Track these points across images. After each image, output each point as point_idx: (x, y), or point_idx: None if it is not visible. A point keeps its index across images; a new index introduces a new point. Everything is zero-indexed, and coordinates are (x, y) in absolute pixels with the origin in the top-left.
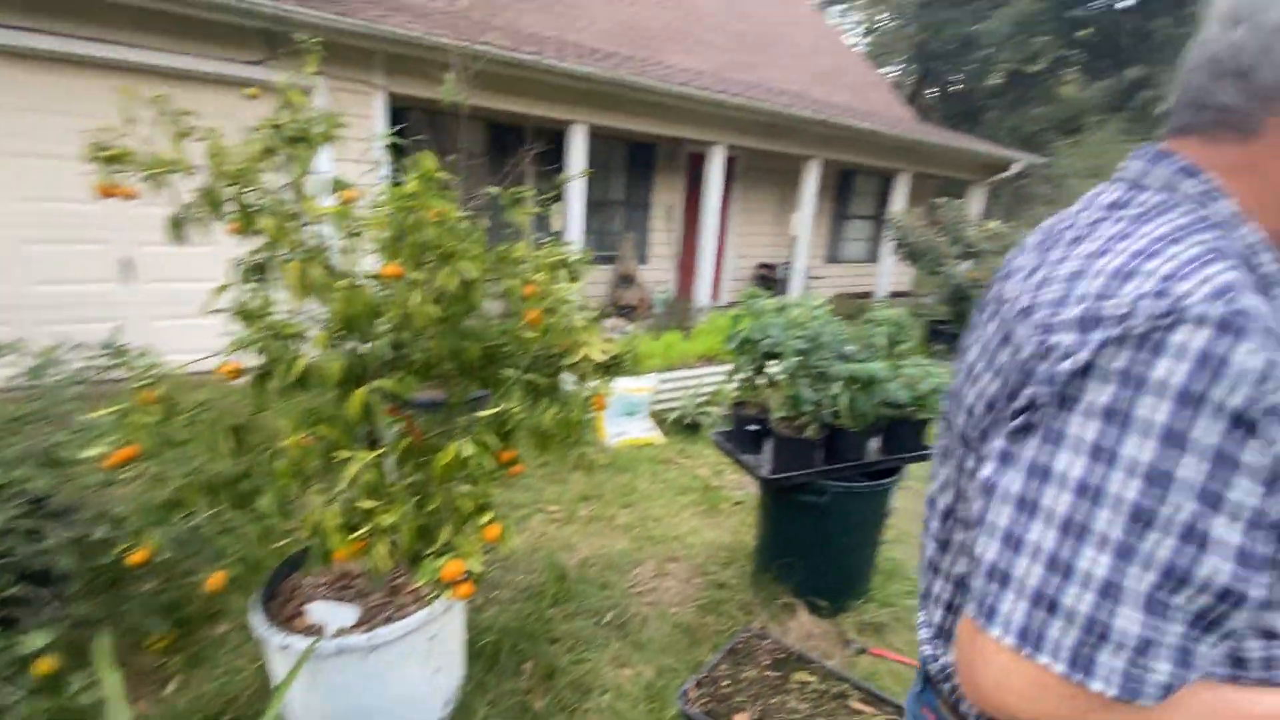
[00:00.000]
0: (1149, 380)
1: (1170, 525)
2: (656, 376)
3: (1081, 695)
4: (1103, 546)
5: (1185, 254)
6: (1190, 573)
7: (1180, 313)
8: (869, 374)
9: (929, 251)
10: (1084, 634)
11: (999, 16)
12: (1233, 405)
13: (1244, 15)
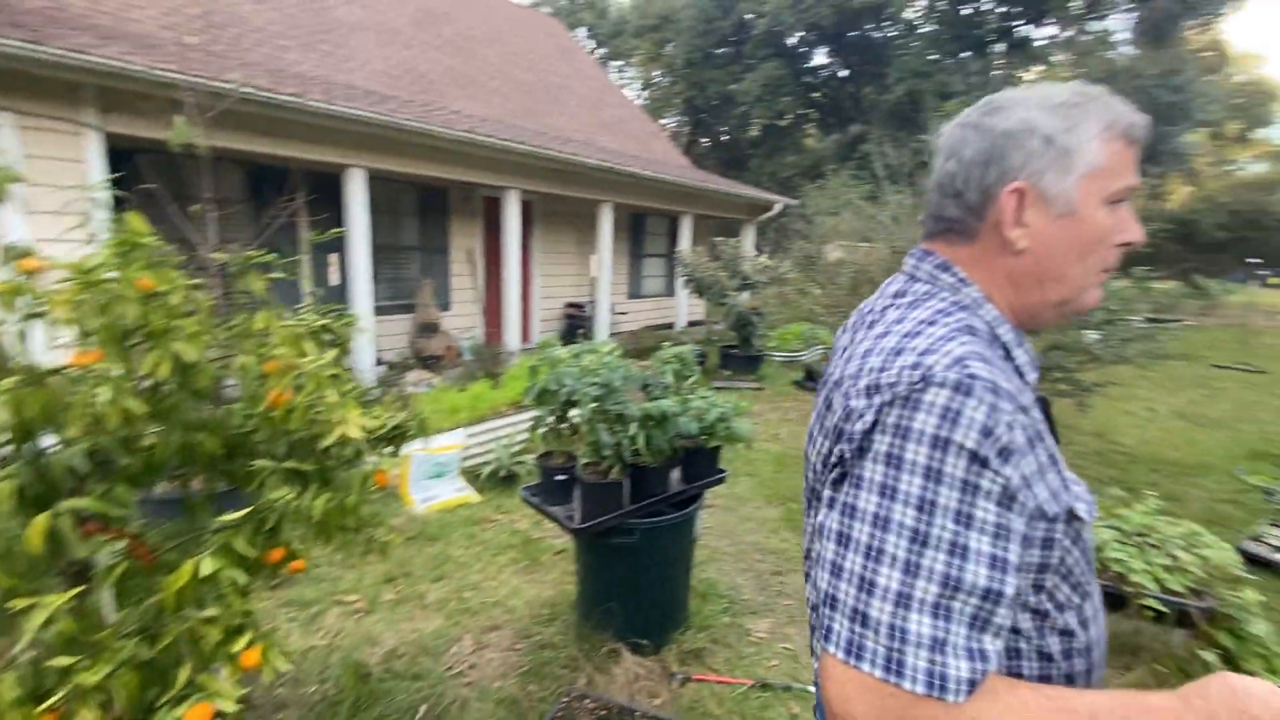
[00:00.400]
0: (911, 429)
1: (940, 542)
2: (465, 431)
3: (901, 695)
4: (894, 564)
5: (937, 333)
6: (960, 580)
7: (928, 379)
8: (661, 411)
9: (713, 285)
10: (890, 640)
11: (750, 79)
12: (969, 446)
13: (952, 152)
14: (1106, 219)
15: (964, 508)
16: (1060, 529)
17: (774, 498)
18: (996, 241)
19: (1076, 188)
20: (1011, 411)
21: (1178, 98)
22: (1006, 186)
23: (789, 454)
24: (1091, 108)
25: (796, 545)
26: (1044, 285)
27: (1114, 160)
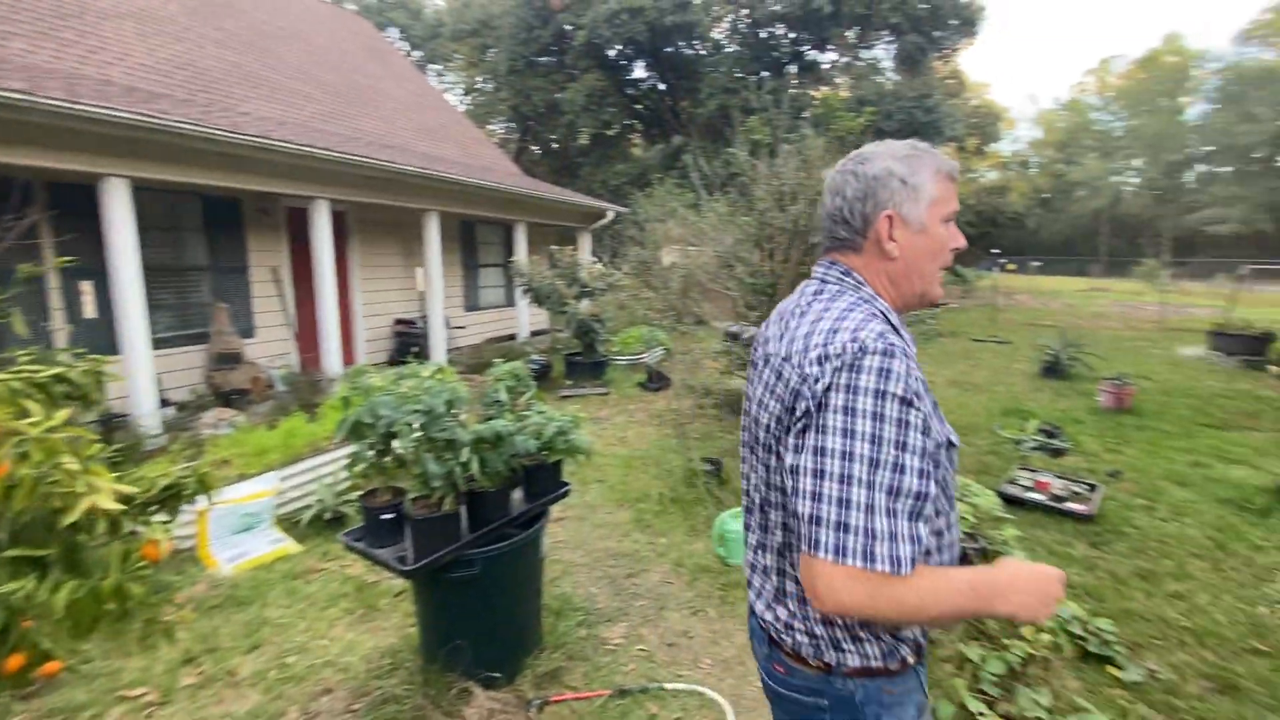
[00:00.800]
0: (858, 386)
1: (887, 464)
2: (278, 474)
3: (875, 577)
4: (860, 485)
5: (859, 317)
6: (902, 487)
7: (864, 349)
8: (495, 432)
9: (552, 294)
10: (865, 539)
11: (574, 89)
12: (897, 392)
13: (837, 191)
14: (944, 232)
15: (900, 436)
16: (943, 453)
17: (624, 501)
18: (877, 252)
19: (925, 212)
20: (916, 369)
21: (930, 117)
22: (881, 214)
23: (636, 456)
24: (925, 158)
25: (648, 547)
26: (911, 279)
27: (943, 192)
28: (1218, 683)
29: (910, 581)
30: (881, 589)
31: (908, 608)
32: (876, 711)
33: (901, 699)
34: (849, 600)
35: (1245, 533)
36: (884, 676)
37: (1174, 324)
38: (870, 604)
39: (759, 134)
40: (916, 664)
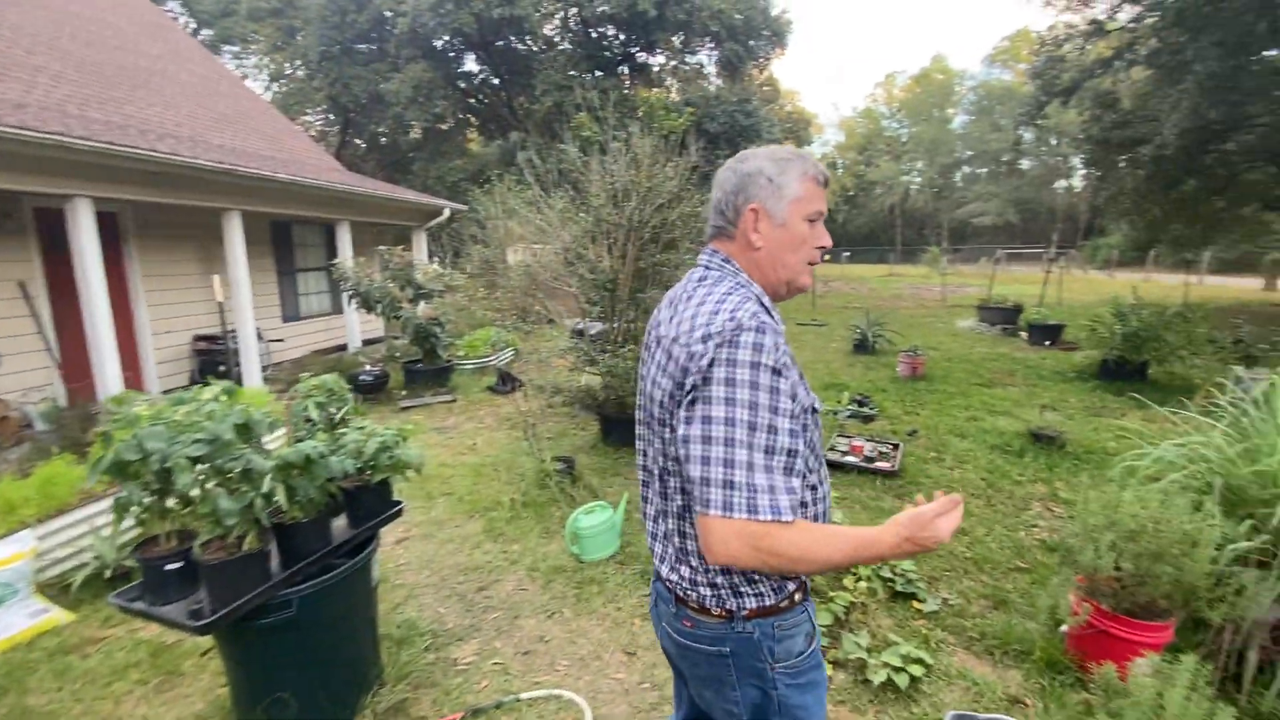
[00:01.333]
0: (737, 359)
1: (763, 427)
2: (34, 532)
3: (758, 526)
4: (741, 446)
5: (737, 300)
6: (776, 445)
7: (741, 326)
8: (304, 455)
9: (384, 298)
10: (747, 493)
11: (399, 80)
12: (769, 364)
13: (719, 185)
14: (806, 229)
15: (773, 402)
16: (809, 417)
17: (474, 511)
18: (745, 241)
19: (787, 208)
20: (784, 344)
21: (750, 121)
22: (749, 206)
23: (487, 463)
24: (795, 162)
25: (501, 556)
26: (775, 268)
27: (807, 193)
28: (992, 600)
29: (791, 531)
30: (765, 538)
31: (791, 555)
32: (770, 645)
33: (791, 632)
34: (739, 550)
35: (1009, 472)
36: (776, 614)
37: (953, 301)
38: (756, 554)
39: (587, 131)
40: (804, 600)
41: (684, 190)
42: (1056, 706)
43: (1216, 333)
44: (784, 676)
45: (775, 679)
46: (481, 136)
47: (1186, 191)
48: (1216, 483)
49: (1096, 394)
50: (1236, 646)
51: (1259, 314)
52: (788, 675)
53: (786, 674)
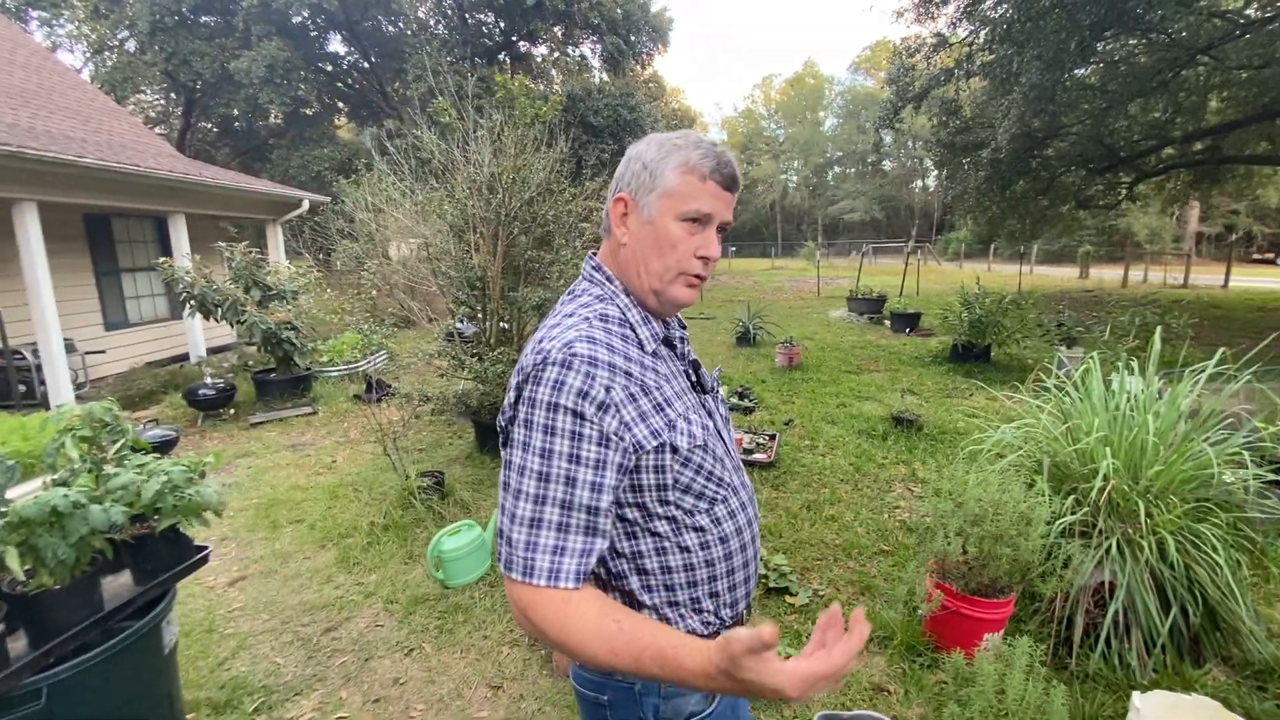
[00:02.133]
0: (536, 399)
1: (558, 478)
2: None
3: (532, 590)
4: (528, 499)
5: (569, 324)
6: (573, 501)
7: (546, 360)
8: (50, 508)
9: (224, 300)
10: (525, 553)
11: (250, 57)
12: (569, 405)
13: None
14: (678, 231)
15: (572, 450)
16: (667, 458)
17: (327, 539)
18: (614, 240)
19: (656, 203)
20: (608, 378)
21: (633, 116)
22: (615, 194)
23: (345, 483)
24: (679, 150)
25: (355, 589)
26: (638, 271)
27: (686, 188)
28: (859, 587)
29: (561, 604)
30: (532, 607)
31: (550, 635)
32: (655, 703)
33: (682, 690)
34: (517, 615)
35: (874, 455)
36: None
37: (827, 293)
38: (526, 621)
39: (446, 117)
40: None
41: (555, 182)
42: (915, 690)
43: (1044, 317)
44: None
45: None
46: (353, 123)
47: (1018, 191)
48: (1045, 462)
49: (949, 376)
50: (1067, 613)
51: (1076, 300)
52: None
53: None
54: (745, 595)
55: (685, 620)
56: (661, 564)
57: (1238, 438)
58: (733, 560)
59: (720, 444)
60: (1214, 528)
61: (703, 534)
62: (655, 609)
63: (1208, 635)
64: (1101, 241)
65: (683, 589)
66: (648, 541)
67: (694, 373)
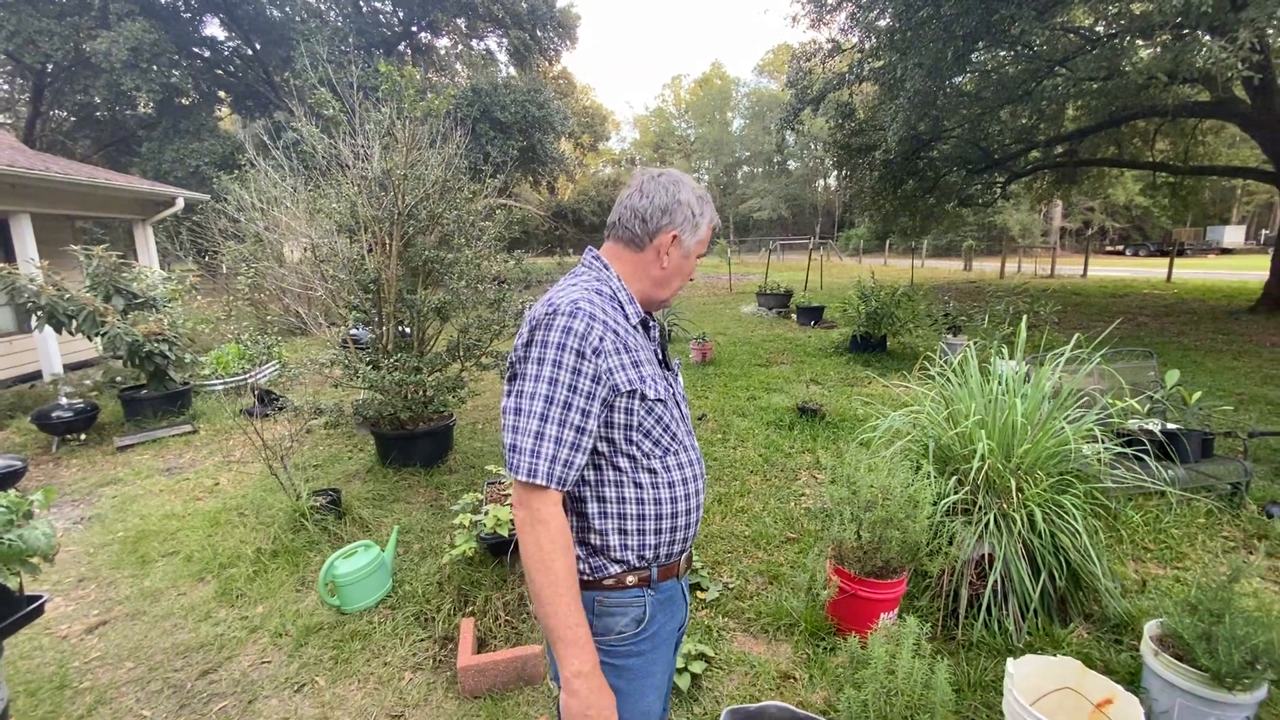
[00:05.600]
0: (545, 340)
1: (561, 402)
2: None
3: (535, 489)
4: (536, 417)
5: (571, 289)
6: (568, 420)
7: (555, 310)
8: None
9: (77, 312)
10: (529, 458)
11: (109, 39)
12: (575, 346)
13: (644, 194)
14: (692, 264)
15: (572, 381)
16: (636, 403)
17: (206, 571)
18: (653, 257)
19: (693, 245)
20: (602, 330)
21: (542, 113)
22: (670, 231)
23: (230, 508)
24: (709, 207)
25: (238, 624)
26: (664, 288)
27: (707, 236)
28: (768, 576)
29: (553, 507)
30: (536, 496)
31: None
32: (590, 618)
33: (613, 610)
34: (519, 511)
35: (781, 445)
36: (598, 589)
37: (739, 289)
38: (524, 512)
39: (329, 109)
40: (640, 586)
41: (454, 180)
42: (819, 675)
43: (932, 308)
44: (600, 651)
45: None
46: (237, 115)
47: (908, 190)
48: (931, 445)
49: (849, 366)
50: (953, 586)
51: (961, 290)
52: (604, 651)
53: (601, 649)
54: (683, 543)
55: (628, 550)
56: (618, 494)
57: (1092, 415)
58: (676, 506)
59: (678, 409)
60: (1074, 498)
61: (654, 476)
62: (604, 533)
63: (1072, 596)
64: (982, 236)
65: (631, 520)
66: (609, 474)
67: (661, 352)
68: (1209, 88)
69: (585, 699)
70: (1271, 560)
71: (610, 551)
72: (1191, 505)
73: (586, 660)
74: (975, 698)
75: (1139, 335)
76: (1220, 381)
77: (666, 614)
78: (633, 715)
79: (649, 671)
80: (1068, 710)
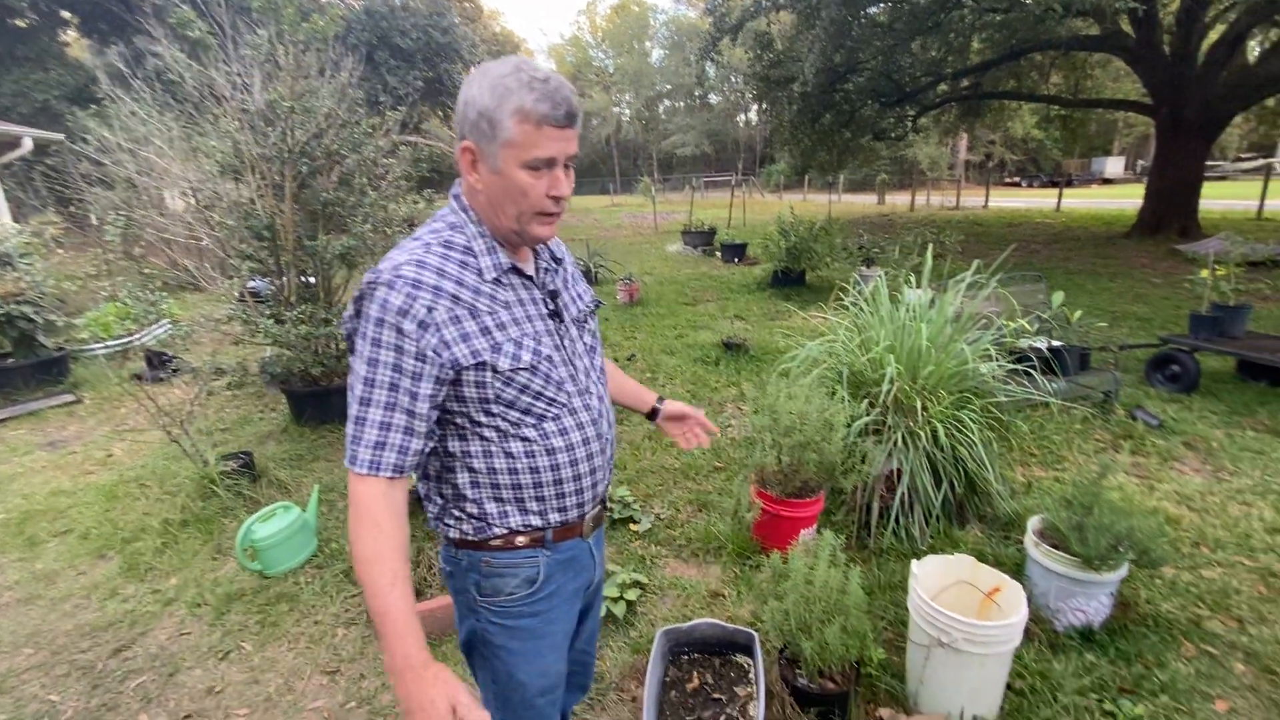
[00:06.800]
0: (368, 314)
1: (383, 383)
2: None
3: (357, 478)
4: (358, 401)
5: (409, 247)
6: (394, 403)
7: (376, 280)
8: None
9: None
10: (351, 445)
11: None
12: (393, 322)
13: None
14: (526, 179)
15: (395, 360)
16: (488, 376)
17: (107, 548)
18: (469, 182)
19: (500, 153)
20: (431, 299)
21: (446, 39)
22: (461, 144)
23: (128, 480)
24: (514, 96)
25: (150, 599)
26: (498, 215)
27: (525, 137)
28: (697, 505)
29: (377, 497)
30: (353, 489)
31: (357, 536)
32: (476, 579)
33: (501, 572)
34: (351, 495)
35: (709, 380)
36: (485, 549)
37: (664, 227)
38: (352, 505)
39: (193, 31)
40: (532, 547)
41: (350, 112)
42: (746, 590)
43: (848, 241)
44: (489, 612)
45: (480, 612)
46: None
47: (825, 124)
48: (845, 372)
49: (771, 301)
50: (866, 501)
51: (875, 224)
52: (492, 612)
53: (491, 610)
54: (578, 506)
55: (509, 517)
56: (489, 465)
57: (988, 336)
58: (561, 472)
59: (565, 369)
60: (971, 413)
61: (529, 444)
62: (478, 502)
63: (969, 501)
64: (894, 171)
65: (508, 489)
66: (476, 444)
67: (552, 301)
68: (1099, 20)
69: (411, 694)
70: (1135, 458)
71: (489, 519)
72: (1071, 413)
73: (412, 652)
74: (886, 598)
75: (1031, 261)
76: (1098, 301)
77: (568, 574)
78: (529, 675)
79: (545, 632)
80: (963, 601)
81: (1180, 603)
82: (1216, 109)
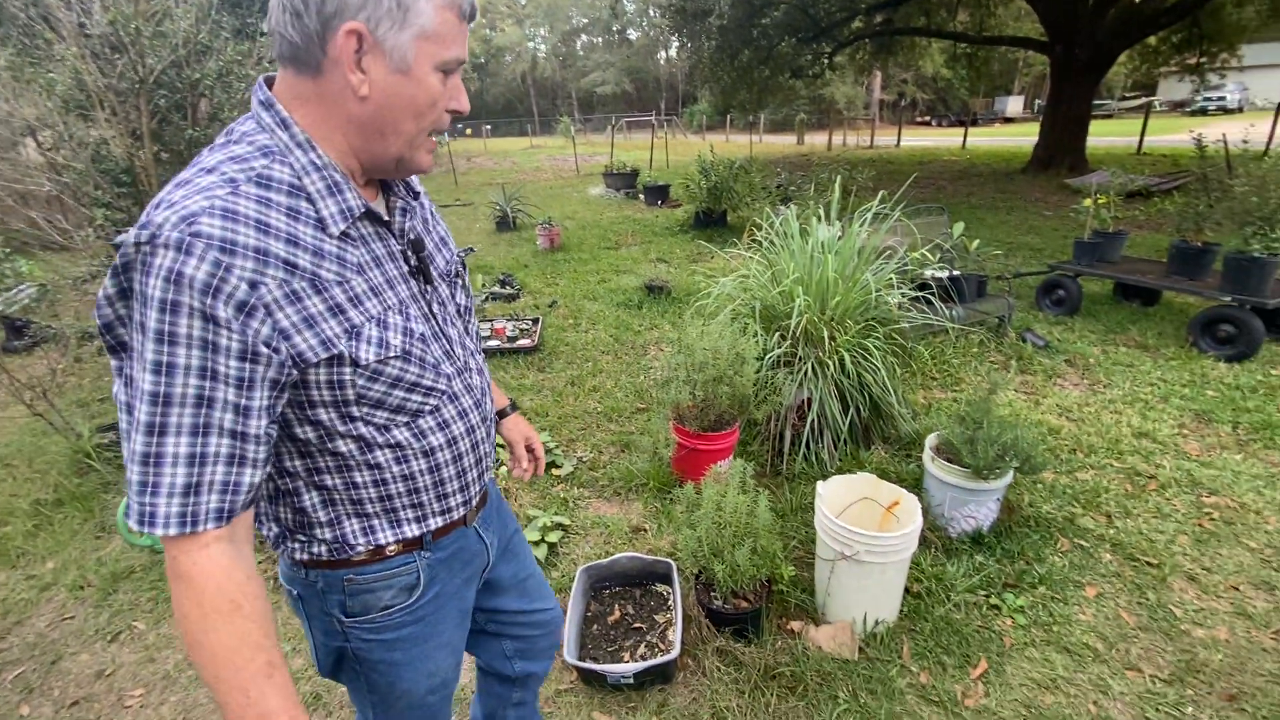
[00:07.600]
0: (147, 294)
1: (186, 400)
2: None
3: (178, 543)
4: (141, 429)
5: (200, 184)
6: (212, 424)
7: (155, 240)
8: None
9: None
10: (141, 497)
11: None
12: (197, 306)
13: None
14: (438, 85)
15: (203, 363)
16: (347, 373)
17: None
18: (341, 83)
19: (411, 47)
20: (256, 270)
21: None
22: (344, 24)
23: None
24: None
25: (24, 585)
26: (385, 137)
27: (445, 29)
28: (620, 445)
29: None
30: (169, 553)
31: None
32: (339, 600)
33: (372, 587)
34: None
35: (631, 324)
36: (348, 567)
37: (585, 170)
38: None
39: None
40: (409, 552)
41: (213, 37)
42: (665, 523)
43: (768, 181)
44: (360, 631)
45: (349, 632)
46: None
47: (744, 61)
48: (757, 306)
49: (693, 242)
50: (778, 430)
51: (794, 164)
52: (365, 630)
53: (363, 628)
54: (464, 500)
55: (376, 533)
56: (346, 480)
57: (892, 266)
58: (441, 472)
59: (439, 345)
60: (876, 341)
61: (400, 450)
62: (334, 523)
63: (875, 424)
64: (813, 110)
65: (373, 503)
66: (327, 460)
67: (414, 255)
68: None
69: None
70: (1023, 376)
71: (348, 539)
72: (968, 338)
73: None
74: (797, 519)
75: (938, 197)
76: (996, 234)
77: (453, 570)
78: (414, 682)
79: (431, 635)
80: (865, 516)
81: (1058, 504)
82: (1105, 47)
